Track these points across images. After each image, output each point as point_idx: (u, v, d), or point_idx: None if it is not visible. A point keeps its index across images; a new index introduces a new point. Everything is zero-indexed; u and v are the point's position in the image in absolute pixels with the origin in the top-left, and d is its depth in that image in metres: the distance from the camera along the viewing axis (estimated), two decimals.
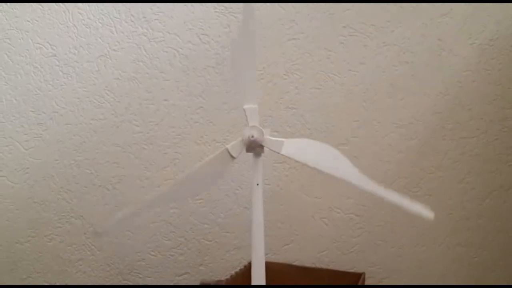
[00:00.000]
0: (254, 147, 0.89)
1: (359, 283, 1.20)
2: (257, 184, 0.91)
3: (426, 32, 1.31)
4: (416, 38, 1.31)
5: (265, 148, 0.92)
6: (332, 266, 1.38)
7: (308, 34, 1.35)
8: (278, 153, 0.91)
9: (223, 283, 1.22)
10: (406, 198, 0.88)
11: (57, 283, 1.50)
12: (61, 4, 1.45)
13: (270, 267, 1.30)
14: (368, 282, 1.34)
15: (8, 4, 1.46)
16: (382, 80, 1.33)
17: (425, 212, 0.87)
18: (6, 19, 1.46)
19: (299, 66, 1.36)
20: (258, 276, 0.91)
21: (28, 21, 1.45)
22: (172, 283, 1.46)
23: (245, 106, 0.90)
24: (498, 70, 1.30)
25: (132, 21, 1.41)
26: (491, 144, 1.31)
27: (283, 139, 0.91)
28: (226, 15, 1.37)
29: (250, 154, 0.94)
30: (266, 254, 1.38)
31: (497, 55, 1.29)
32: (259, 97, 1.35)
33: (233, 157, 0.90)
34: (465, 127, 1.32)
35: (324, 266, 1.38)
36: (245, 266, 1.29)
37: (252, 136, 0.87)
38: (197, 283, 1.42)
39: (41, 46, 1.45)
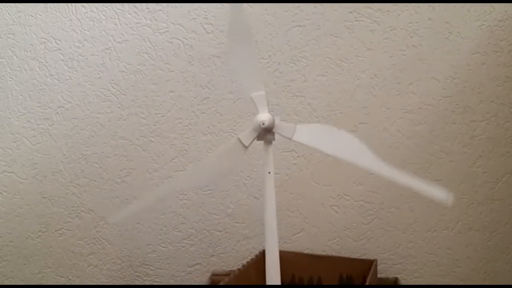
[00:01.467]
0: (265, 134, 0.88)
1: (371, 270, 1.20)
2: (269, 172, 0.90)
3: (434, 15, 1.29)
4: (423, 21, 1.29)
5: (276, 135, 0.91)
6: (343, 254, 1.37)
7: (313, 20, 1.33)
8: (290, 139, 0.89)
9: (236, 274, 1.22)
10: (423, 182, 0.86)
11: (69, 277, 1.51)
12: None
13: (281, 256, 1.29)
14: (380, 268, 1.34)
15: None
16: (390, 65, 1.32)
17: (443, 195, 0.84)
18: (9, 14, 1.46)
19: (305, 54, 1.35)
20: (273, 263, 0.89)
21: (31, 15, 1.44)
22: (183, 274, 1.46)
23: (253, 94, 0.89)
24: (508, 52, 1.28)
25: (136, 13, 1.40)
26: (502, 127, 1.30)
27: (294, 124, 0.89)
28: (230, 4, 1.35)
29: (260, 144, 0.93)
30: None
31: (507, 36, 1.27)
32: (266, 85, 1.34)
33: (245, 147, 0.89)
34: (475, 110, 1.30)
35: (335, 253, 1.38)
36: (256, 256, 1.29)
37: (263, 123, 0.86)
38: (209, 274, 1.42)
39: (45, 40, 1.44)
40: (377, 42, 1.32)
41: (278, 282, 0.92)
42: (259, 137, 0.88)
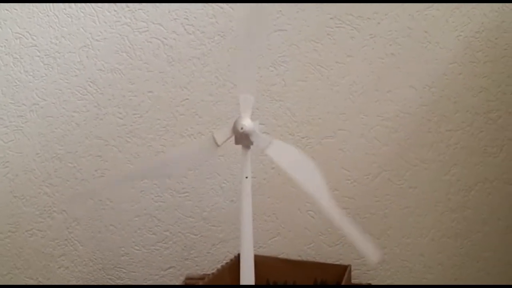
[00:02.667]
0: (243, 139, 0.87)
1: (345, 276, 1.21)
2: (246, 177, 0.89)
3: (413, 24, 1.31)
4: (402, 30, 1.31)
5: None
6: (318, 259, 1.38)
7: (294, 25, 1.34)
8: (262, 150, 0.89)
9: (210, 278, 1.21)
10: (363, 235, 0.87)
11: (39, 279, 1.47)
12: None
13: (257, 260, 1.29)
14: (354, 274, 1.34)
15: None
16: (368, 73, 1.33)
17: (373, 254, 0.86)
18: None
19: (286, 58, 1.35)
20: (247, 267, 0.89)
21: (6, 10, 1.41)
22: (157, 277, 1.45)
23: (242, 96, 0.88)
24: (483, 63, 1.31)
25: (115, 11, 1.39)
26: (476, 137, 1.32)
27: (271, 139, 0.90)
28: (212, 6, 1.35)
29: (238, 147, 0.93)
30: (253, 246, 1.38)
31: (483, 48, 1.30)
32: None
33: (217, 145, 0.89)
34: (451, 119, 1.33)
35: (310, 258, 1.38)
36: (231, 260, 1.28)
37: (242, 128, 0.85)
38: (183, 277, 1.41)
39: (20, 36, 1.41)
40: (356, 49, 1.33)
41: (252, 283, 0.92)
42: (237, 141, 0.88)
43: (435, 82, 1.32)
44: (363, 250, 0.86)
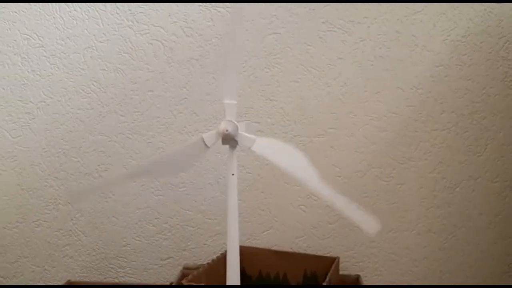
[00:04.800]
0: (229, 140, 0.94)
1: (333, 267, 1.27)
2: (232, 174, 0.96)
3: (401, 28, 1.36)
4: (391, 34, 1.37)
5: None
6: (309, 251, 1.44)
7: (288, 29, 1.40)
8: (249, 149, 0.96)
9: (205, 267, 1.28)
10: (359, 209, 0.92)
11: (45, 267, 1.55)
12: None
13: (250, 252, 1.37)
14: (343, 266, 1.41)
15: None
16: (358, 74, 1.39)
17: (371, 224, 0.92)
18: None
19: (280, 60, 1.41)
20: (233, 259, 0.96)
21: (15, 12, 1.48)
22: (156, 267, 1.52)
23: (225, 101, 0.95)
24: (469, 66, 1.36)
25: (118, 14, 1.45)
26: (461, 137, 1.38)
27: (255, 137, 0.96)
28: (210, 9, 1.41)
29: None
30: (247, 239, 1.46)
31: (468, 51, 1.36)
32: (241, 88, 1.40)
33: (207, 147, 0.95)
34: (437, 120, 1.38)
35: (301, 250, 1.45)
36: (226, 251, 1.34)
37: (227, 130, 0.92)
38: (181, 267, 1.48)
39: (28, 37, 1.48)
40: (347, 51, 1.39)
41: (237, 280, 0.98)
42: (223, 142, 0.95)
43: (422, 84, 1.38)
44: (361, 223, 0.92)
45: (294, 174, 0.93)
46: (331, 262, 1.32)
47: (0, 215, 1.55)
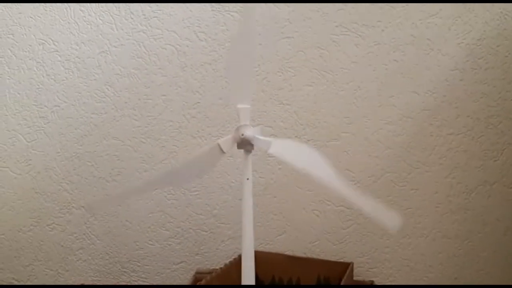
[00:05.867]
0: (245, 144, 0.94)
1: (347, 272, 1.26)
2: (247, 179, 0.96)
3: (416, 32, 1.35)
4: (406, 37, 1.36)
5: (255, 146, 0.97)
6: (322, 256, 1.43)
7: (301, 33, 1.39)
8: (266, 152, 0.95)
9: (218, 272, 1.28)
10: (380, 206, 0.91)
11: (59, 271, 1.55)
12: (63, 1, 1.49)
13: (263, 256, 1.36)
14: (357, 271, 1.40)
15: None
16: (372, 78, 1.38)
17: (394, 221, 0.90)
18: (9, 15, 1.51)
19: (293, 64, 1.41)
20: (248, 263, 0.95)
21: (31, 17, 1.49)
22: (169, 271, 1.52)
23: (239, 106, 0.94)
24: (484, 70, 1.34)
25: (132, 19, 1.46)
26: (476, 141, 1.36)
27: (271, 139, 0.95)
28: (223, 14, 1.41)
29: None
30: (260, 244, 1.45)
31: (484, 55, 1.34)
32: (255, 92, 1.40)
33: (223, 152, 0.95)
34: (452, 124, 1.37)
35: (314, 256, 1.44)
36: (239, 256, 1.34)
37: (242, 135, 0.92)
38: (193, 271, 1.47)
39: (43, 41, 1.50)
40: (361, 55, 1.38)
41: (252, 282, 0.97)
42: (239, 146, 0.94)
43: (437, 88, 1.36)
44: (383, 220, 0.91)
45: (313, 174, 0.92)
46: (345, 267, 1.31)
47: (15, 218, 1.56)
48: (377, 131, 1.39)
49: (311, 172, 0.92)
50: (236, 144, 0.94)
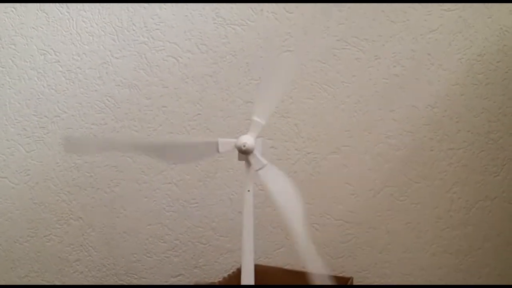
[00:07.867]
0: (245, 156, 0.93)
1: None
2: (248, 191, 0.95)
3: (416, 47, 1.36)
4: (406, 52, 1.36)
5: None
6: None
7: (302, 46, 1.40)
8: (255, 170, 0.96)
9: (216, 285, 1.26)
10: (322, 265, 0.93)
11: (55, 282, 1.54)
12: (65, 12, 1.50)
13: (262, 270, 1.34)
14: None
15: (14, 10, 1.51)
16: (373, 92, 1.38)
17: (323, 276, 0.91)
18: (11, 25, 1.51)
19: (294, 77, 1.41)
20: (247, 276, 0.94)
21: (33, 28, 1.50)
22: (167, 284, 1.50)
23: (254, 118, 0.94)
24: (485, 85, 1.35)
25: (134, 30, 1.46)
26: (477, 156, 1.36)
27: (266, 162, 0.96)
28: (224, 27, 1.42)
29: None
30: (258, 257, 1.44)
31: (484, 70, 1.34)
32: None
33: (218, 151, 0.95)
34: (453, 139, 1.37)
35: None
36: (238, 269, 1.33)
37: (244, 145, 0.91)
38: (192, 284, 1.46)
39: (45, 52, 1.50)
40: (362, 69, 1.38)
41: None
42: (240, 157, 0.94)
43: (437, 103, 1.36)
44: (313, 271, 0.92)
45: (285, 212, 0.92)
46: (344, 282, 1.29)
47: (11, 229, 1.55)
48: (377, 145, 1.39)
49: (283, 209, 0.93)
50: (238, 155, 0.93)
